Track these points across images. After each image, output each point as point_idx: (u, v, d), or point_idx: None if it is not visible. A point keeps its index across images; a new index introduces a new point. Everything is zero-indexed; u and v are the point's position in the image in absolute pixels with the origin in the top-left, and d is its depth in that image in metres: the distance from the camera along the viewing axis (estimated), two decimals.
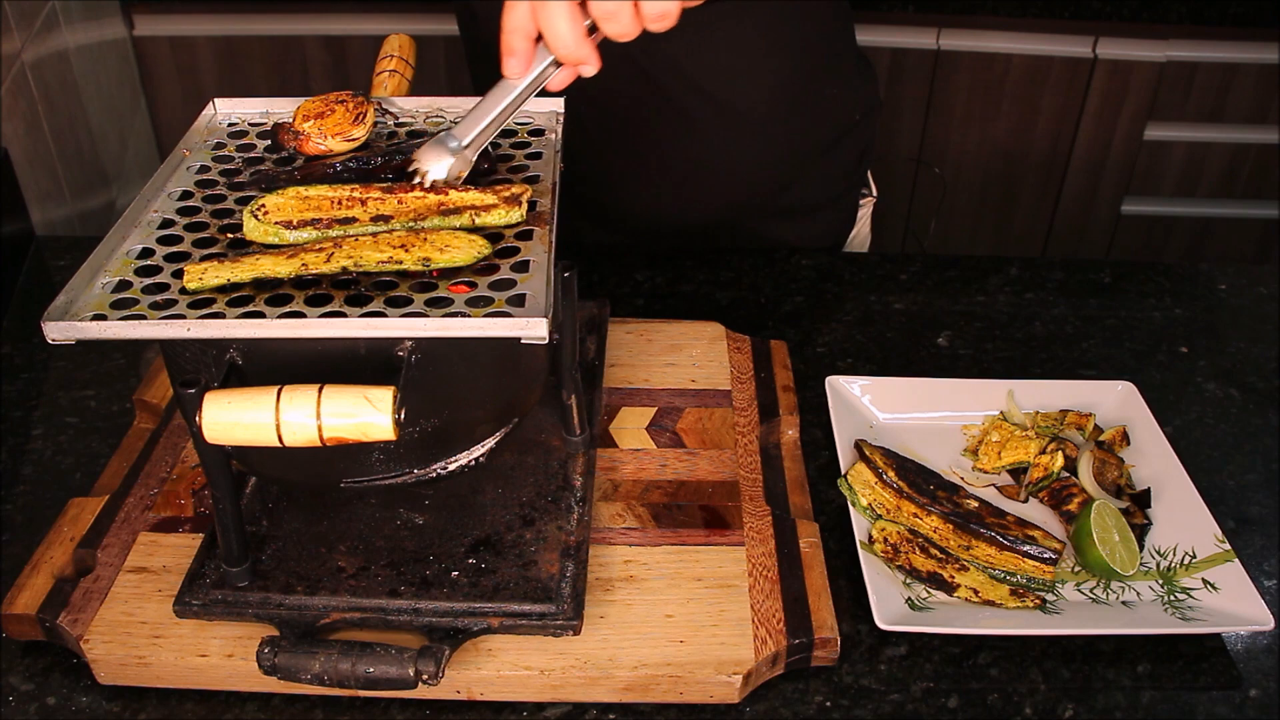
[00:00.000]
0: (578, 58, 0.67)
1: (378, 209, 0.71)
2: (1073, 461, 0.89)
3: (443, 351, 0.67)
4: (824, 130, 1.19)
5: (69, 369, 1.03)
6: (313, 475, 0.74)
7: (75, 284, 0.65)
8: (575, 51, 0.67)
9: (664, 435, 0.91)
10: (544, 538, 0.78)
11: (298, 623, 0.72)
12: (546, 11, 0.66)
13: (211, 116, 0.86)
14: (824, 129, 1.19)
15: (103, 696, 0.73)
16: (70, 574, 0.78)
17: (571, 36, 0.66)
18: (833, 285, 1.16)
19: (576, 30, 0.66)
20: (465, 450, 0.74)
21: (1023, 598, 0.79)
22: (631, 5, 0.66)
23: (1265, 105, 1.98)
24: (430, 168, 0.71)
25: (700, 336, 1.02)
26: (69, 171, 1.50)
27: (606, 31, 0.67)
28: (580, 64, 0.68)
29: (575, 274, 0.78)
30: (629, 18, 0.66)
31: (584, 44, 0.67)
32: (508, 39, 0.68)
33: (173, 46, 1.94)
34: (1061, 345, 1.08)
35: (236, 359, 0.65)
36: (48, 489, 0.89)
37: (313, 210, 0.71)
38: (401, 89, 0.87)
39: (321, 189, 0.72)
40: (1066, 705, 0.74)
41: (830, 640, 0.75)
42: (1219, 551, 0.81)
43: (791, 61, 1.10)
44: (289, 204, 0.71)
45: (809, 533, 0.82)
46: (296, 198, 0.71)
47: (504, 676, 0.72)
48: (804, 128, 1.16)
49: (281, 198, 0.71)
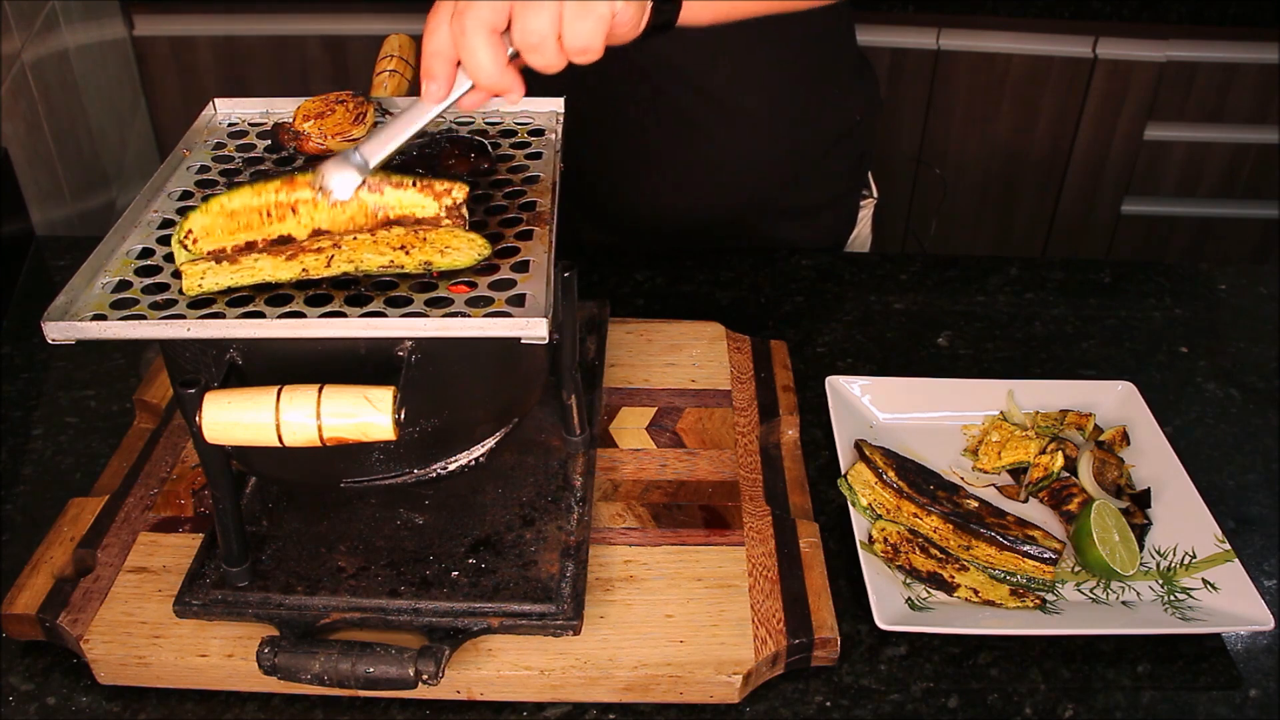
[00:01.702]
0: (499, 87, 0.66)
1: (311, 220, 0.69)
2: (1073, 461, 0.89)
3: (443, 351, 0.67)
4: (825, 131, 1.19)
5: (69, 369, 1.03)
6: (313, 475, 0.74)
7: (75, 284, 0.65)
8: (497, 81, 0.66)
9: (664, 435, 0.91)
10: (544, 538, 0.78)
11: (298, 623, 0.72)
12: (467, 40, 0.65)
13: (211, 116, 0.86)
14: (825, 130, 1.19)
15: (103, 696, 0.73)
16: (70, 574, 0.78)
17: (493, 66, 0.65)
18: (833, 285, 1.16)
19: (498, 60, 0.65)
20: (465, 450, 0.74)
21: (1023, 598, 0.79)
22: (555, 38, 0.65)
23: (1265, 105, 1.98)
24: (334, 185, 0.68)
25: (700, 336, 1.02)
26: (69, 171, 1.50)
27: (530, 62, 0.66)
28: (504, 92, 0.67)
29: (575, 274, 0.78)
30: (553, 51, 0.66)
31: (505, 73, 0.66)
32: (428, 62, 0.67)
33: (173, 46, 1.94)
34: (1061, 345, 1.08)
35: (236, 359, 0.65)
36: (48, 489, 0.89)
37: (244, 230, 0.68)
38: (401, 89, 0.87)
39: (245, 195, 0.68)
40: (1066, 705, 0.74)
41: (830, 640, 0.75)
42: (1219, 551, 0.81)
43: (793, 62, 1.11)
44: (216, 224, 0.68)
45: (809, 533, 0.82)
46: (222, 213, 0.68)
47: (504, 676, 0.72)
48: (805, 128, 1.17)
49: (206, 215, 0.68)
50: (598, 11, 0.65)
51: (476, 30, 0.64)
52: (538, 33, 0.64)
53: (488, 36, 0.64)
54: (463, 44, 0.65)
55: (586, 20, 0.65)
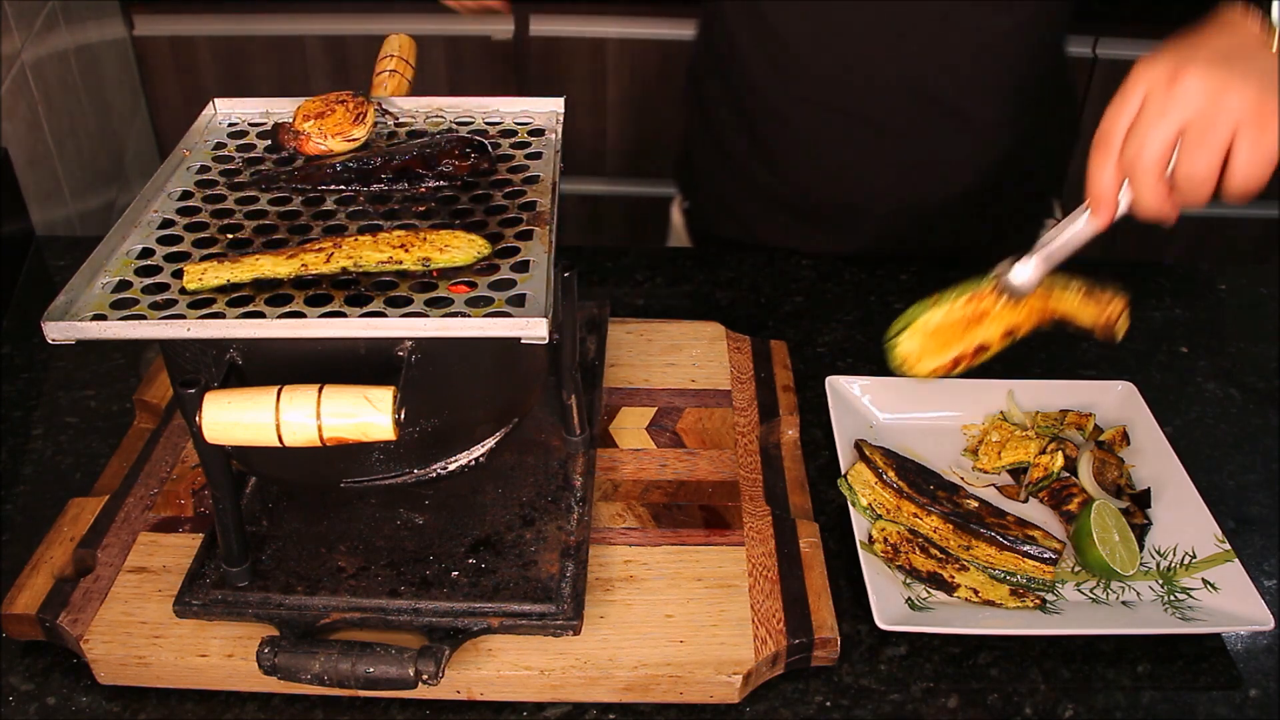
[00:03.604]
0: (1160, 218, 0.69)
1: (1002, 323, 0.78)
2: (1073, 461, 0.89)
3: (443, 351, 0.67)
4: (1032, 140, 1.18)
5: (69, 369, 1.03)
6: (313, 475, 0.74)
7: (75, 284, 0.65)
8: (1158, 213, 0.69)
9: (664, 435, 0.91)
10: (544, 538, 0.78)
11: (298, 623, 0.72)
12: (1140, 185, 0.68)
13: (211, 116, 0.86)
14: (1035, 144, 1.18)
15: (103, 696, 0.73)
16: (70, 574, 0.78)
17: (1160, 206, 0.69)
18: (833, 285, 1.16)
19: (1160, 195, 0.68)
20: (465, 450, 0.74)
21: (1023, 598, 0.79)
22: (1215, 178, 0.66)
23: None
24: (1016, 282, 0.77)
25: (700, 336, 1.02)
26: (69, 171, 1.50)
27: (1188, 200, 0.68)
28: (1162, 220, 0.70)
29: (575, 274, 0.78)
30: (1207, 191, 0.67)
31: (1167, 207, 0.69)
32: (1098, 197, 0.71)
33: (173, 46, 1.94)
34: (1061, 345, 1.08)
35: (236, 359, 0.65)
36: (48, 489, 0.89)
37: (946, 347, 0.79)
38: (401, 89, 0.87)
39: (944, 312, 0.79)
40: (1066, 705, 0.74)
41: (830, 640, 0.75)
42: (1219, 551, 0.81)
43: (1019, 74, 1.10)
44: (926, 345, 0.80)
45: (809, 533, 0.82)
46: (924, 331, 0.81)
47: (504, 676, 0.72)
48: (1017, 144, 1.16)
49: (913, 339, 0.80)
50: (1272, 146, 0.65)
51: (1149, 177, 0.67)
52: (1200, 172, 0.66)
53: (1157, 181, 0.68)
54: (1135, 182, 0.68)
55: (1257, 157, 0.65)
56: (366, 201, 0.75)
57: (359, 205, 0.75)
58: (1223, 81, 0.65)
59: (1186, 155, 0.66)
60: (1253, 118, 0.64)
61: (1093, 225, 0.73)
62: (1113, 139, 0.68)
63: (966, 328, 0.79)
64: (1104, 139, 0.69)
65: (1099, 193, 0.70)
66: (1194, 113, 0.65)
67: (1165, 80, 0.66)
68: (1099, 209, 0.71)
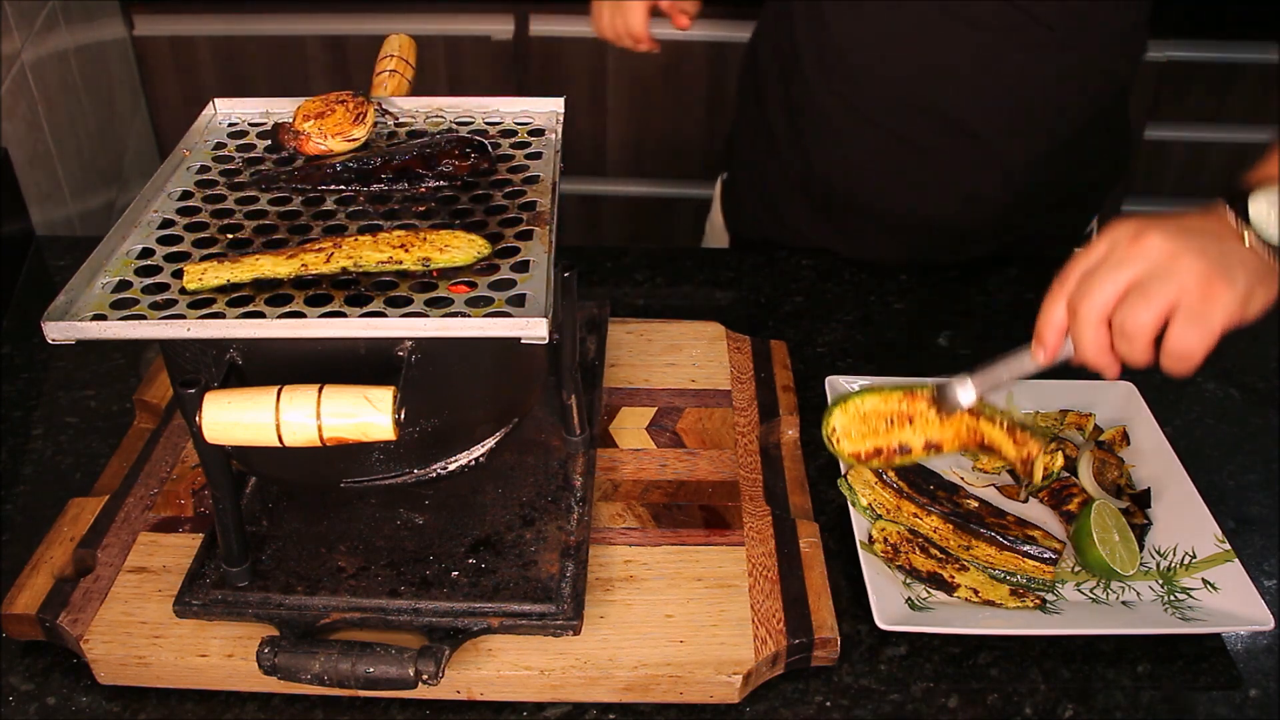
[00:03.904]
0: (1098, 366, 0.71)
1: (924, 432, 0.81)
2: (1073, 461, 0.89)
3: (443, 351, 0.67)
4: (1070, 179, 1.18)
5: (69, 369, 1.03)
6: (313, 475, 0.74)
7: (75, 284, 0.65)
8: (1096, 361, 0.70)
9: (664, 435, 0.91)
10: (544, 538, 0.78)
11: (298, 623, 0.72)
12: (1079, 325, 0.69)
13: (211, 116, 0.86)
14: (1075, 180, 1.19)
15: (103, 696, 0.73)
16: (70, 574, 0.78)
17: (1096, 350, 0.69)
18: (833, 285, 1.16)
19: (1102, 344, 0.69)
20: (465, 450, 0.74)
21: (1023, 598, 0.79)
22: (1151, 336, 0.67)
23: (1265, 105, 1.98)
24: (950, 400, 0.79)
25: (700, 336, 1.02)
26: (69, 171, 1.50)
27: (1116, 346, 0.69)
28: (1100, 370, 0.71)
29: (575, 274, 0.78)
30: (1143, 348, 0.68)
31: (1105, 354, 0.70)
32: (1043, 328, 0.72)
33: (173, 46, 1.94)
34: None
35: (236, 359, 0.65)
36: (48, 489, 0.89)
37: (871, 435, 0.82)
38: (401, 89, 0.87)
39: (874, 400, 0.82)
40: (1066, 705, 0.74)
41: (830, 640, 0.75)
42: (1219, 551, 0.81)
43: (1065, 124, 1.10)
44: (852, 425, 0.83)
45: (809, 533, 0.82)
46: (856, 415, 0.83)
47: (504, 676, 0.72)
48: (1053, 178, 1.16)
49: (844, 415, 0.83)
50: (1213, 322, 0.66)
51: (1088, 321, 0.68)
52: (1136, 325, 0.67)
53: (1097, 327, 0.69)
54: (1075, 327, 0.70)
55: (1196, 330, 0.66)
56: (366, 201, 0.75)
57: (359, 205, 0.75)
58: (1181, 247, 0.66)
59: (1127, 306, 0.67)
60: (1198, 289, 0.66)
61: (1034, 360, 0.74)
62: (1069, 281, 0.70)
63: (894, 424, 0.82)
64: (1062, 280, 0.71)
65: (1042, 328, 0.72)
66: (1145, 269, 0.67)
67: (1130, 236, 0.68)
68: (1040, 343, 0.73)
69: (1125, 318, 0.67)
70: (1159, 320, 0.66)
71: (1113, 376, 0.72)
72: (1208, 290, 0.65)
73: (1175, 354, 0.67)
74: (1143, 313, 0.66)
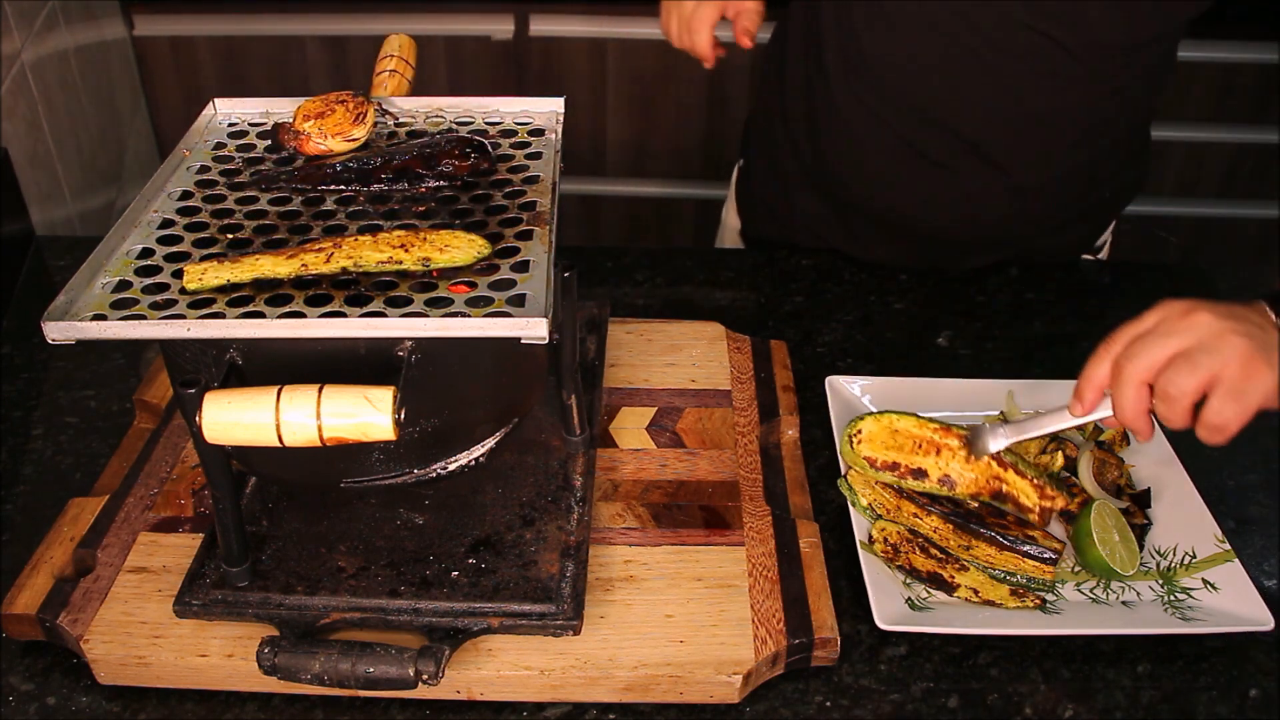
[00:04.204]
0: (1134, 428, 0.76)
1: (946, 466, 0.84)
2: (1073, 461, 0.89)
3: (443, 351, 0.67)
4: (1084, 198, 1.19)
5: (69, 369, 1.03)
6: (313, 475, 0.74)
7: (75, 284, 0.65)
8: (1134, 423, 0.75)
9: (664, 435, 0.91)
10: (544, 538, 0.78)
11: (298, 623, 0.72)
12: (1121, 386, 0.74)
13: (211, 116, 0.86)
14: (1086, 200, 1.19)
15: (103, 696, 0.73)
16: (70, 574, 0.78)
17: (1135, 412, 0.74)
18: (833, 285, 1.16)
19: (1141, 407, 0.74)
20: (465, 450, 0.74)
21: (1023, 598, 0.79)
22: (1191, 403, 0.72)
23: (1265, 105, 1.98)
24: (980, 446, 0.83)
25: (700, 336, 1.02)
26: (69, 171, 1.50)
27: (1155, 407, 0.74)
28: (1135, 434, 0.76)
29: (575, 274, 0.78)
30: (1182, 413, 0.73)
31: (1142, 418, 0.75)
32: (1083, 386, 0.77)
33: (173, 46, 1.94)
34: (1061, 345, 1.08)
35: (236, 359, 0.65)
36: (48, 489, 0.89)
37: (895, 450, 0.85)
38: (401, 89, 0.87)
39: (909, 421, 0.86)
40: (1066, 705, 0.74)
41: (830, 640, 0.75)
42: (1219, 551, 0.81)
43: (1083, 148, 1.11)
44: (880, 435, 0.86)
45: (809, 533, 0.82)
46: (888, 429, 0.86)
47: (504, 676, 0.72)
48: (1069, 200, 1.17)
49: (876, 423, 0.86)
50: (1250, 400, 0.71)
51: (1131, 380, 0.73)
52: (1179, 390, 0.72)
53: (1139, 388, 0.73)
54: (1116, 386, 0.75)
55: (1234, 405, 0.71)
56: (366, 201, 0.75)
57: (359, 205, 0.75)
58: (1228, 329, 0.72)
59: (1172, 371, 0.72)
60: (1240, 367, 0.70)
61: (1070, 414, 0.79)
62: (1115, 342, 0.76)
63: (921, 449, 0.85)
64: (1109, 341, 0.76)
65: (1083, 386, 0.77)
66: (1193, 341, 0.72)
67: (1180, 312, 0.74)
68: (1078, 400, 0.78)
69: (1169, 383, 0.72)
70: (1200, 389, 0.71)
71: (1145, 439, 0.76)
72: (1249, 369, 0.70)
73: (1212, 425, 0.72)
74: (1186, 380, 0.71)
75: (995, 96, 1.03)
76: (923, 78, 1.04)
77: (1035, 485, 0.83)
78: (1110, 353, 0.76)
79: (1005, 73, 1.02)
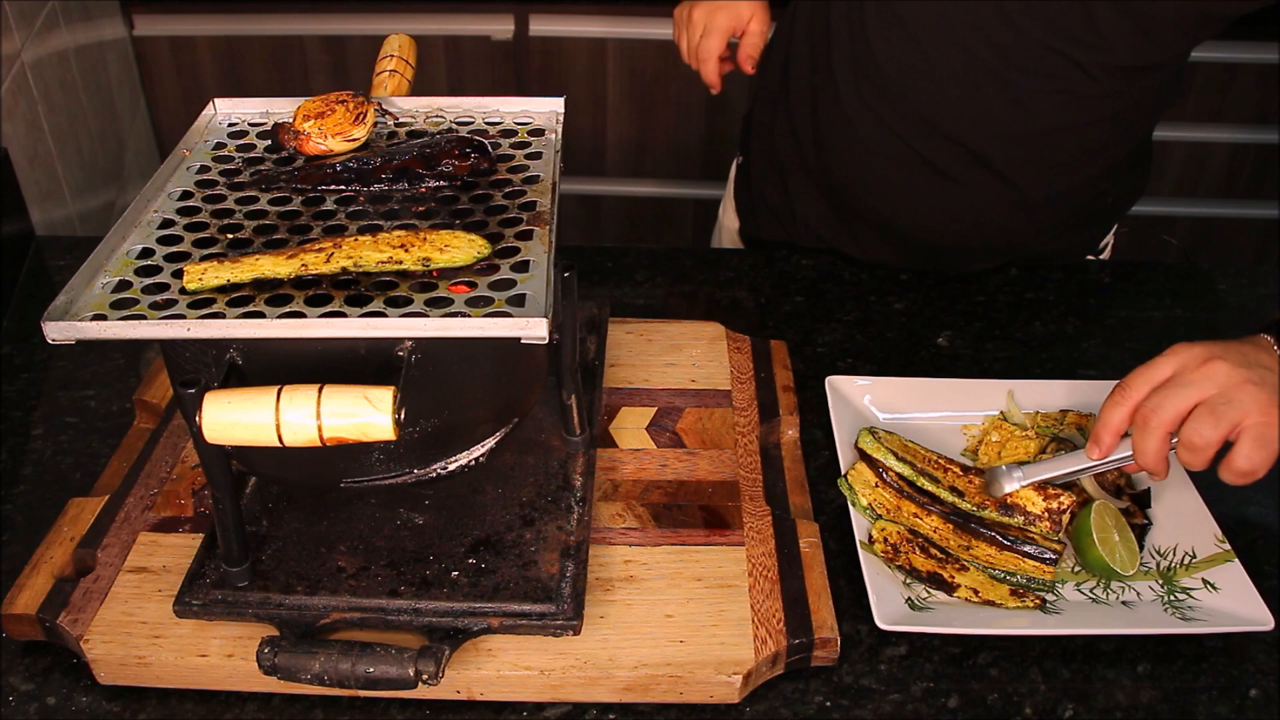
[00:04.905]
0: (1152, 470, 0.78)
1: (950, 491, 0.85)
2: None
3: (443, 351, 0.67)
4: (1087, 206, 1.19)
5: (69, 369, 1.03)
6: (313, 475, 0.74)
7: (75, 284, 0.65)
8: (1152, 465, 0.78)
9: (664, 435, 0.91)
10: (544, 538, 0.78)
11: (298, 623, 0.72)
12: (1146, 435, 0.77)
13: (211, 116, 0.86)
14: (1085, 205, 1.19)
15: (103, 696, 0.73)
16: (70, 574, 0.78)
17: (1156, 458, 0.77)
18: (833, 285, 1.16)
19: (1163, 453, 0.77)
20: (465, 450, 0.74)
21: (1023, 598, 0.79)
22: (1214, 450, 0.75)
23: (1265, 105, 1.98)
24: (998, 486, 0.84)
25: (700, 336, 1.02)
26: (69, 171, 1.50)
27: (1179, 455, 0.77)
28: (1152, 475, 0.79)
29: (575, 274, 0.78)
30: (1204, 460, 0.75)
31: (1164, 464, 0.77)
32: (1101, 431, 0.80)
33: (173, 46, 1.94)
34: (1061, 345, 1.08)
35: (236, 359, 0.65)
36: (48, 489, 0.89)
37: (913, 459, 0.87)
38: (401, 89, 0.87)
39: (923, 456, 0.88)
40: (1066, 705, 0.74)
41: (830, 640, 0.75)
42: (1219, 551, 0.81)
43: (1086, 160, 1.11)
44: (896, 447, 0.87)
45: (809, 533, 0.82)
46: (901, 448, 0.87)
47: (504, 676, 0.72)
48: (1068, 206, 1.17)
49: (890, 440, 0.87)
50: (1275, 446, 0.74)
51: (1157, 432, 0.76)
52: (1204, 441, 0.75)
53: (1163, 439, 0.76)
54: (1142, 434, 0.77)
55: (1262, 451, 0.74)
56: (366, 201, 0.75)
57: (359, 205, 0.75)
58: (1246, 378, 0.75)
59: (1196, 421, 0.75)
60: (1263, 415, 0.74)
61: (1088, 457, 0.81)
62: (1133, 389, 0.78)
63: (931, 464, 0.87)
64: (1126, 387, 0.78)
65: (1101, 431, 0.79)
66: (1214, 391, 0.75)
67: (1198, 360, 0.76)
68: (1096, 444, 0.80)
69: (1194, 433, 0.75)
70: (1223, 438, 0.74)
71: (1161, 479, 0.79)
72: (1269, 416, 0.74)
73: (1241, 471, 0.75)
74: (1211, 431, 0.74)
75: (1008, 112, 1.03)
76: (936, 89, 1.04)
77: (1037, 489, 0.83)
78: (1129, 400, 0.78)
79: (1021, 89, 1.02)
